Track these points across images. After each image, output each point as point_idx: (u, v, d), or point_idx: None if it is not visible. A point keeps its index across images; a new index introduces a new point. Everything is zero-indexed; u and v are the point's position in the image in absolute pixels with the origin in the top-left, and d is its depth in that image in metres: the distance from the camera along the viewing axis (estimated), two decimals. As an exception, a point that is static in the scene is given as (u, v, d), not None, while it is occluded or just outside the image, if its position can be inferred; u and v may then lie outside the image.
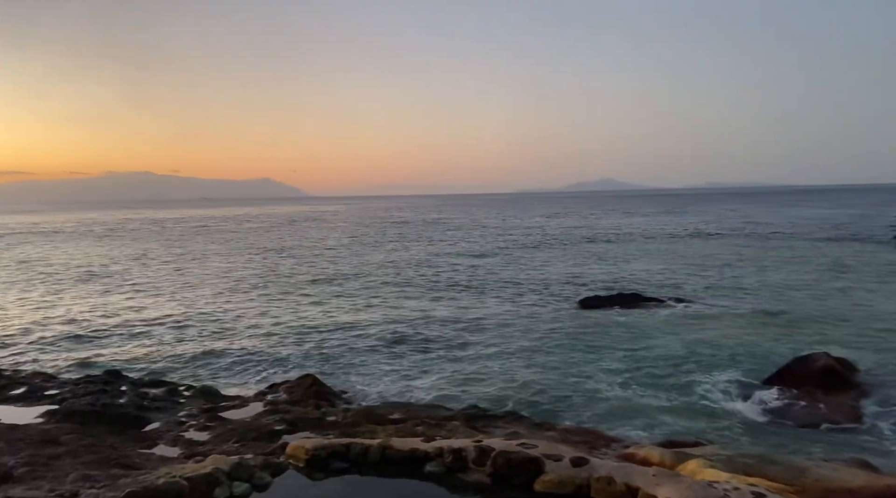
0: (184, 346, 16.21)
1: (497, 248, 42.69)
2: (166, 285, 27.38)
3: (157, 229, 76.37)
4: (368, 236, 57.07)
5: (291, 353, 15.35)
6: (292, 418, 9.30)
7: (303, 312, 20.74)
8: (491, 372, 13.40)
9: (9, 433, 7.78)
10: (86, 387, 11.44)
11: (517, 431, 8.21)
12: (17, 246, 52.33)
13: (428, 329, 17.77)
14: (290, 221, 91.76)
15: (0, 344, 16.59)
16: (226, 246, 49.05)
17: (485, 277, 28.06)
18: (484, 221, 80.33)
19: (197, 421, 9.61)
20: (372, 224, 79.74)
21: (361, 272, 30.80)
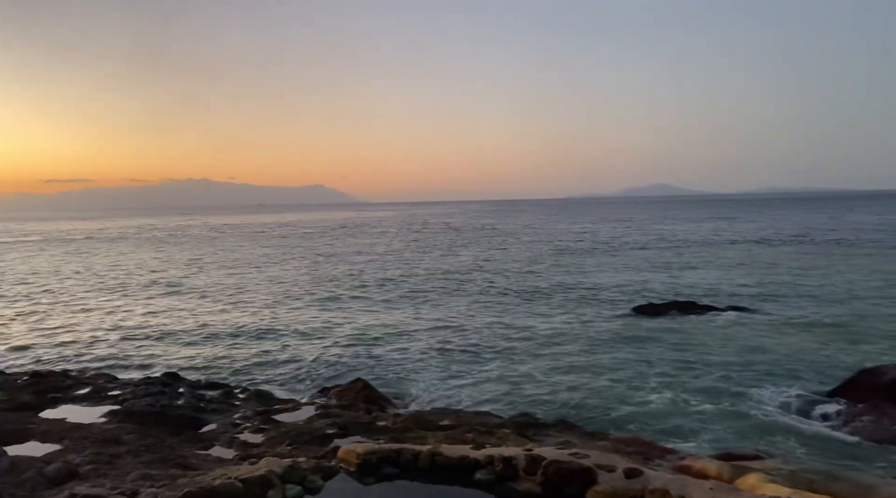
0: (238, 349, 16.58)
1: (548, 254, 42.33)
2: (222, 290, 28.08)
3: (214, 235, 78.46)
4: (418, 242, 57.37)
5: (342, 357, 15.52)
6: (343, 422, 9.38)
7: (353, 317, 20.97)
8: (541, 379, 13.27)
9: (74, 432, 8.08)
10: (146, 388, 11.81)
11: (569, 440, 8.09)
12: (83, 251, 54.48)
13: (477, 335, 17.73)
14: (341, 227, 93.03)
15: (67, 346, 17.29)
16: (279, 252, 50.03)
17: (535, 284, 27.84)
18: (535, 227, 79.83)
19: (251, 423, 9.79)
20: (421, 230, 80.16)
21: (411, 278, 30.97)
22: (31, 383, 11.81)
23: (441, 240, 59.85)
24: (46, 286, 30.33)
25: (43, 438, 7.83)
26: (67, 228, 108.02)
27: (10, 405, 10.13)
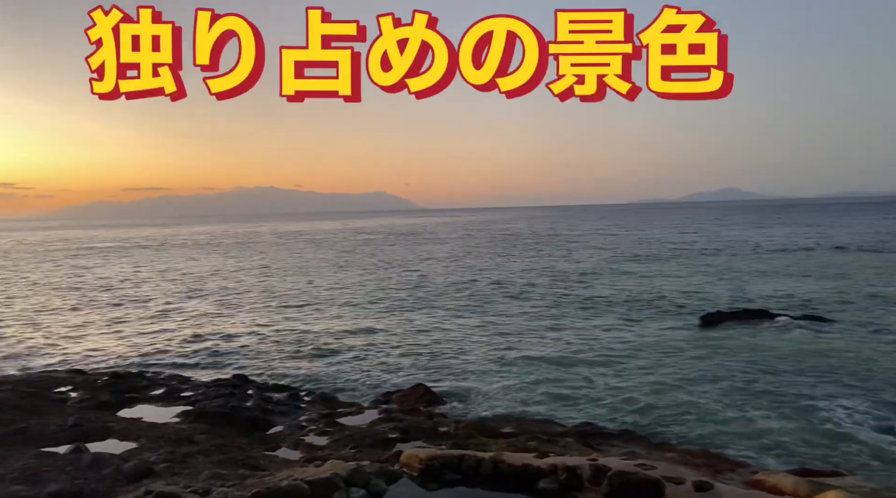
0: (304, 352, 16.94)
1: (611, 260, 41.62)
2: (289, 295, 28.77)
3: (281, 241, 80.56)
4: (479, 248, 57.38)
5: (404, 362, 15.65)
6: (405, 427, 9.46)
7: (416, 322, 21.13)
8: (603, 388, 13.03)
9: (150, 431, 8.43)
10: (216, 390, 12.22)
11: (634, 451, 7.93)
12: (158, 257, 56.84)
13: (538, 342, 17.57)
14: (403, 233, 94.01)
15: (143, 348, 18.06)
16: (343, 257, 50.93)
17: (598, 290, 27.41)
18: (597, 232, 78.67)
19: (316, 426, 9.99)
20: (483, 236, 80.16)
21: (472, 284, 30.99)
22: (111, 383, 12.38)
23: (502, 246, 59.66)
24: (124, 290, 31.77)
25: (121, 436, 8.20)
26: (144, 235, 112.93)
27: (91, 404, 10.65)
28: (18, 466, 5.99)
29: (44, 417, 9.00)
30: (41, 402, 10.18)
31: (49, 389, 11.55)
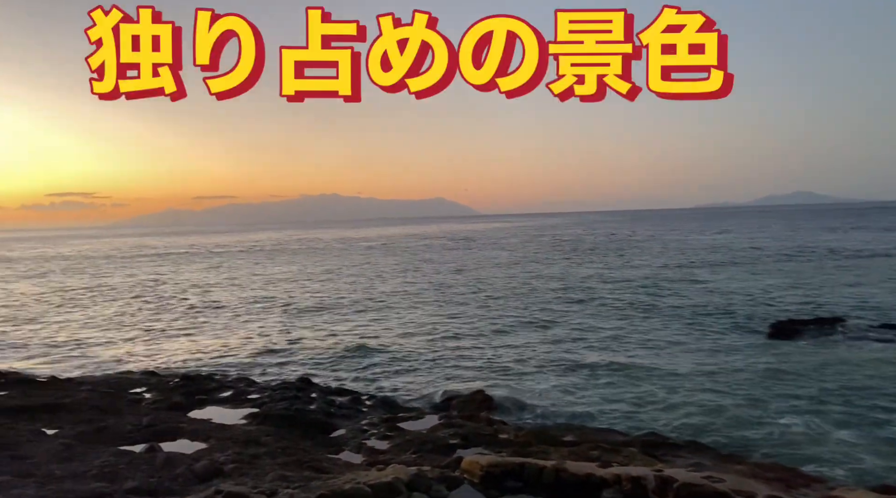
0: (366, 356, 17.17)
1: (675, 265, 40.59)
2: (352, 300, 29.23)
3: (343, 247, 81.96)
4: (539, 253, 56.94)
5: (463, 368, 15.67)
6: (465, 433, 9.46)
7: (476, 327, 21.12)
8: (667, 398, 12.71)
9: (219, 432, 8.71)
10: (282, 393, 12.50)
11: (701, 463, 7.70)
12: (226, 263, 58.70)
13: (599, 349, 17.30)
14: (462, 239, 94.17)
15: (212, 351, 18.67)
16: (404, 262, 51.41)
17: (661, 296, 26.79)
18: (663, 238, 76.75)
19: (377, 430, 10.10)
20: (542, 241, 79.50)
21: (532, 290, 30.76)
22: (182, 385, 12.85)
23: (562, 251, 59.00)
24: (195, 295, 32.93)
25: (192, 437, 8.49)
26: (213, 242, 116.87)
27: (163, 405, 11.08)
28: (98, 463, 6.28)
29: (120, 416, 9.41)
30: (118, 402, 10.65)
31: (125, 390, 12.08)
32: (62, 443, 7.12)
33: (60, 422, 8.72)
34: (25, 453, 6.50)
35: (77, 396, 10.20)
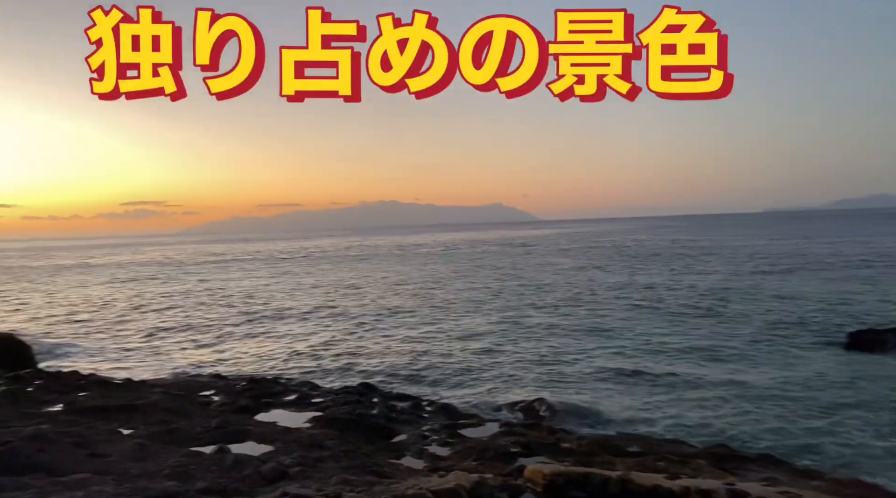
0: (426, 362, 17.25)
1: (745, 271, 39.23)
2: (411, 305, 29.45)
3: (402, 253, 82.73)
4: (600, 259, 56.06)
5: (524, 375, 15.54)
6: (527, 442, 9.36)
7: (535, 334, 20.95)
8: (737, 408, 12.28)
9: (284, 435, 8.88)
10: (344, 397, 12.67)
11: (775, 477, 7.38)
12: (292, 268, 60.07)
13: (664, 357, 16.87)
14: (521, 245, 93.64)
15: (277, 354, 19.12)
16: (462, 269, 51.49)
17: (729, 304, 25.94)
18: (730, 243, 74.32)
19: (438, 436, 10.10)
20: (603, 247, 78.26)
21: (593, 296, 30.31)
22: (248, 388, 13.17)
23: (623, 258, 57.89)
24: (261, 300, 33.83)
25: (258, 440, 8.68)
26: (278, 248, 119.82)
27: (231, 408, 11.38)
28: (170, 462, 6.49)
29: (191, 418, 9.71)
30: (188, 404, 11.00)
31: (195, 393, 12.47)
32: (137, 442, 7.40)
33: (135, 422, 9.07)
34: (103, 452, 6.78)
35: (150, 398, 10.58)
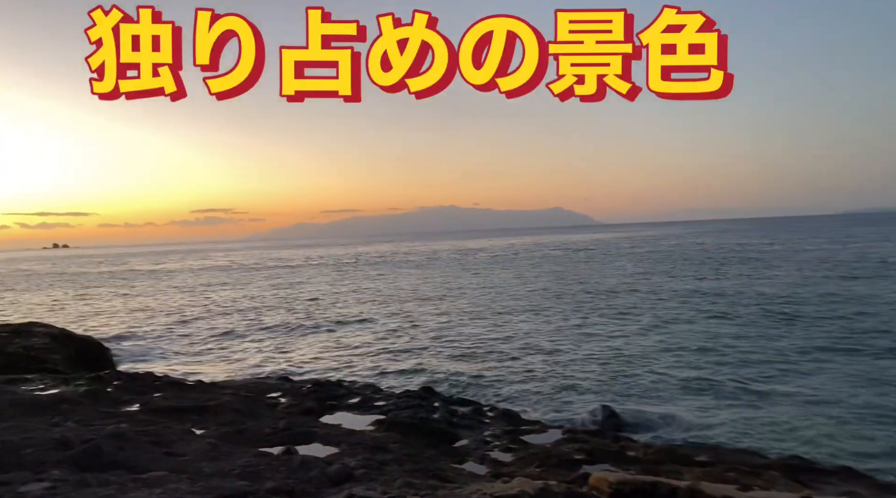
0: (488, 367, 17.22)
1: (818, 277, 37.57)
2: (471, 309, 29.46)
3: (461, 258, 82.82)
4: (665, 264, 54.77)
5: (589, 381, 15.32)
6: (590, 449, 9.23)
7: (601, 339, 20.63)
8: (811, 421, 11.76)
9: (349, 437, 9.02)
10: (406, 401, 12.78)
11: (856, 491, 7.04)
12: (354, 273, 61.03)
13: (734, 366, 16.32)
14: (583, 249, 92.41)
15: (341, 357, 19.45)
16: (523, 273, 51.18)
17: (805, 310, 24.90)
18: (802, 247, 71.30)
19: (500, 442, 10.07)
20: (668, 251, 76.39)
21: (658, 301, 29.63)
22: (313, 391, 13.45)
23: (690, 262, 56.35)
24: (324, 304, 34.48)
25: (324, 441, 8.85)
26: (340, 253, 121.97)
27: (297, 410, 11.64)
28: (241, 462, 6.69)
29: (259, 419, 9.98)
30: (257, 405, 11.31)
31: (263, 394, 12.81)
32: (209, 442, 7.65)
33: (207, 423, 9.38)
34: (178, 451, 7.04)
35: (221, 399, 10.93)
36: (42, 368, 13.50)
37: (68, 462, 6.11)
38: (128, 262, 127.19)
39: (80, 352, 16.13)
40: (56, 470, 5.76)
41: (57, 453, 6.30)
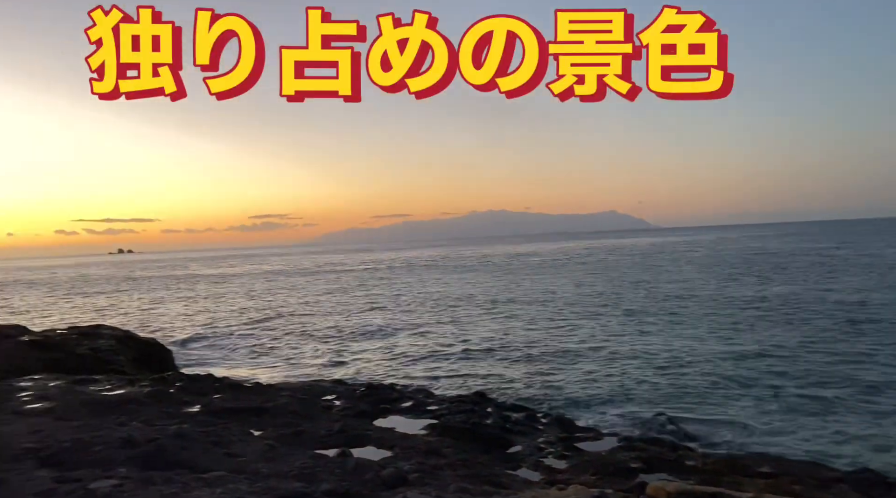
0: (541, 372, 17.07)
1: (891, 282, 35.88)
2: (526, 315, 29.27)
3: (513, 263, 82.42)
4: (727, 268, 53.24)
5: (645, 387, 15.01)
6: (648, 457, 9.06)
7: (659, 344, 20.18)
8: (882, 429, 11.26)
9: (402, 441, 9.08)
10: (458, 405, 12.78)
11: (932, 509, 6.69)
12: (405, 278, 61.46)
13: (800, 377, 15.69)
14: (640, 253, 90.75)
15: (392, 361, 19.60)
16: (577, 278, 50.58)
17: (870, 316, 23.83)
18: (872, 251, 68.17)
19: (554, 449, 9.97)
20: (729, 255, 74.29)
21: (722, 306, 28.78)
22: (367, 394, 13.59)
23: (754, 266, 54.58)
24: (378, 307, 34.84)
25: (378, 445, 8.93)
26: (391, 257, 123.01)
27: (351, 413, 11.78)
28: (297, 464, 6.80)
29: (315, 421, 10.14)
30: (312, 408, 11.50)
31: (318, 397, 13.02)
32: (266, 444, 7.81)
33: (264, 424, 9.58)
34: (237, 451, 7.21)
35: (278, 401, 11.15)
36: (109, 369, 14.05)
37: (134, 460, 6.33)
38: (189, 266, 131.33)
39: (143, 354, 16.72)
40: (123, 468, 5.98)
41: (123, 452, 6.54)
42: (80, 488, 5.12)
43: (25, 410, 8.95)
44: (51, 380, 11.37)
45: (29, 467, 5.74)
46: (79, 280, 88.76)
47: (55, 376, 11.79)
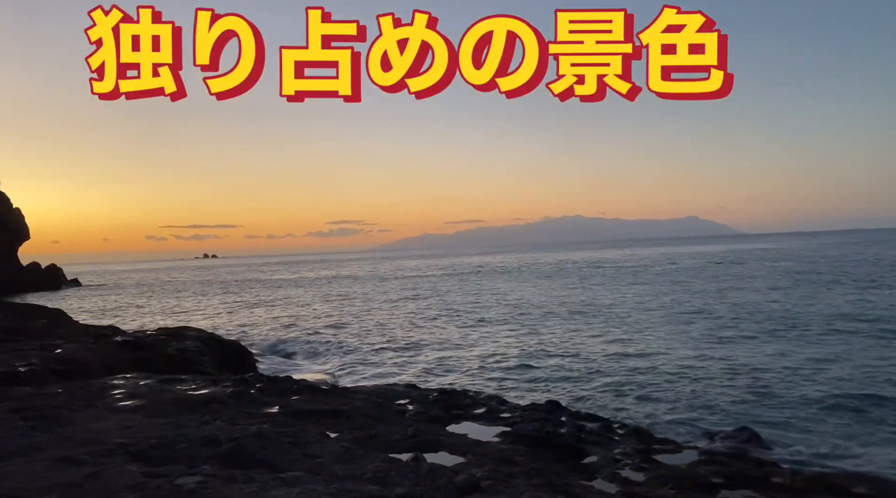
0: (618, 382, 16.69)
1: None
2: (601, 323, 28.73)
3: (588, 269, 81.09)
4: (816, 276, 50.58)
5: (727, 399, 14.44)
6: (730, 472, 8.69)
7: (740, 356, 19.38)
8: None
9: (475, 448, 9.05)
10: (531, 414, 12.61)
11: None
12: (481, 283, 61.49)
13: (892, 389, 14.74)
14: (722, 261, 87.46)
15: (466, 367, 19.62)
16: (657, 286, 49.25)
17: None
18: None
19: (631, 460, 9.69)
20: (820, 262, 70.54)
21: (813, 317, 27.35)
22: (440, 399, 13.60)
23: (845, 275, 51.65)
24: (456, 312, 34.99)
25: (450, 450, 8.92)
26: (467, 262, 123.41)
27: (424, 418, 11.83)
28: (372, 467, 6.88)
29: (388, 425, 10.24)
30: (386, 412, 11.62)
31: (391, 401, 13.13)
32: (342, 446, 7.94)
33: (340, 427, 9.75)
34: (314, 453, 7.37)
35: (353, 404, 11.34)
36: (194, 370, 14.68)
37: (217, 458, 6.57)
38: (270, 271, 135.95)
39: (226, 355, 17.39)
40: (206, 465, 6.22)
41: (207, 449, 6.80)
42: (167, 484, 5.36)
43: (118, 407, 9.45)
44: (141, 378, 11.96)
45: (120, 462, 6.05)
46: (169, 282, 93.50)
47: (145, 375, 12.41)
